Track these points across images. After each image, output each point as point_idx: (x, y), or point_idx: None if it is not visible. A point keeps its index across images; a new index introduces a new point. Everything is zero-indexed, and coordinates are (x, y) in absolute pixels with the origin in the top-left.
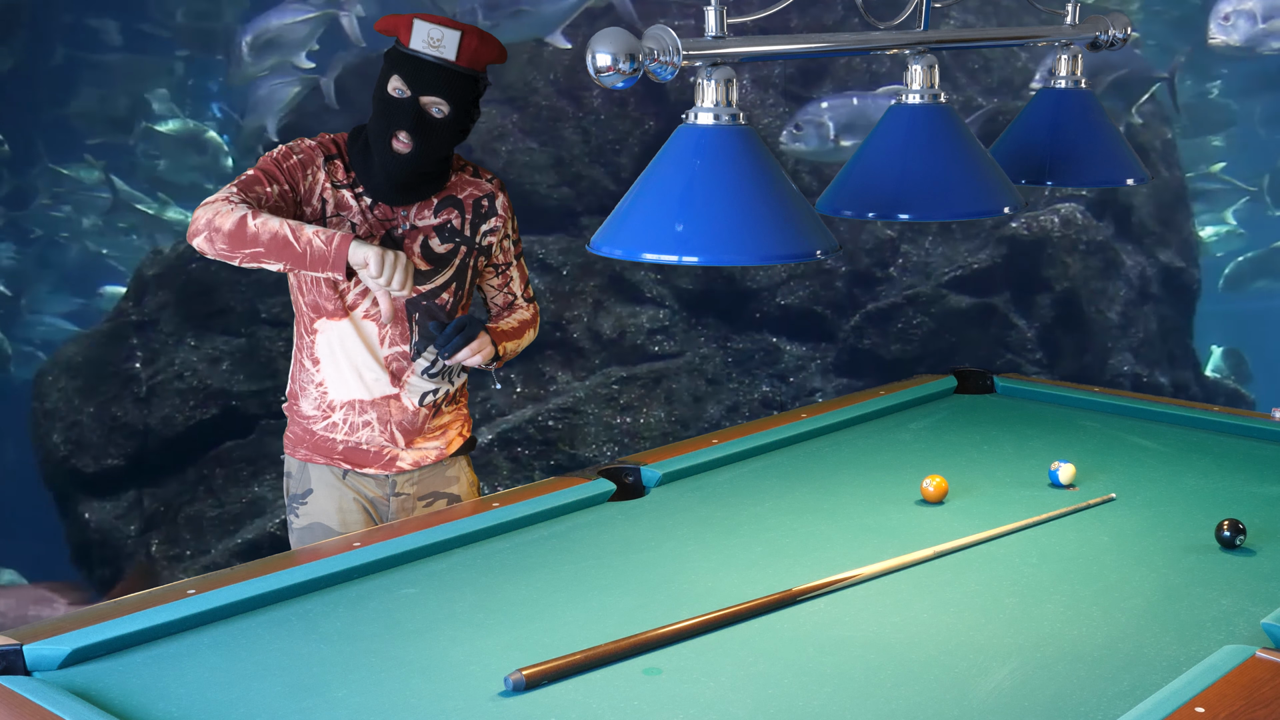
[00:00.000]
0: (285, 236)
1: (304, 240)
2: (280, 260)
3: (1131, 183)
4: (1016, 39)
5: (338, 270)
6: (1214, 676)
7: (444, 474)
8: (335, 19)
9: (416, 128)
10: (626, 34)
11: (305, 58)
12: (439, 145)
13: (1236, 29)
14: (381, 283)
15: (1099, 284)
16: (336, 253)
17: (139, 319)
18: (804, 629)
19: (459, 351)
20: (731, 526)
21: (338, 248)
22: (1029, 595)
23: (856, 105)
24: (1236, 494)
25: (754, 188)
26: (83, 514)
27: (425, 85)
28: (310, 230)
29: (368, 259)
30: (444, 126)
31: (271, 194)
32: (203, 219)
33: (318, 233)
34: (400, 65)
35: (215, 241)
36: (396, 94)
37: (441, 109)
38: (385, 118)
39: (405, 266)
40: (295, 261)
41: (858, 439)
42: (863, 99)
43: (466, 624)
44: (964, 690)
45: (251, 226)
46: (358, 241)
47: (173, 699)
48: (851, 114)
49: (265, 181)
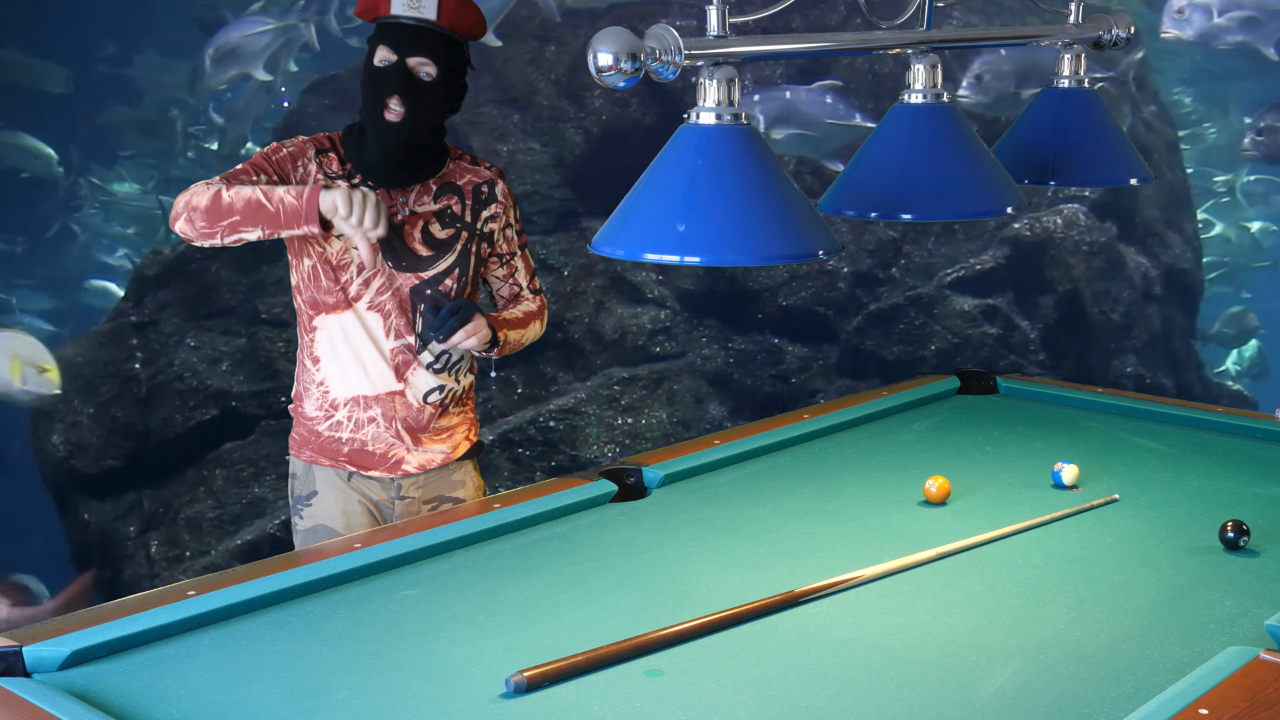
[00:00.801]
0: (258, 200)
1: (275, 200)
2: (257, 224)
3: (1135, 183)
4: (1019, 38)
5: (311, 222)
6: (1218, 678)
7: (450, 478)
8: (295, 29)
9: (405, 90)
10: (628, 33)
11: (263, 69)
12: (430, 110)
13: (1190, 23)
14: (354, 223)
15: (1102, 285)
16: (308, 204)
17: (139, 319)
18: (806, 630)
19: (454, 334)
20: (733, 528)
21: (308, 199)
22: (1032, 597)
23: (788, 99)
24: (1240, 495)
25: (756, 188)
26: (82, 515)
27: (410, 47)
28: (281, 190)
29: (336, 202)
30: (433, 90)
31: (258, 183)
32: (181, 203)
33: (288, 190)
34: (384, 34)
35: (195, 221)
36: (383, 63)
37: (429, 71)
38: (374, 89)
39: (375, 204)
40: (270, 223)
41: (860, 440)
42: (795, 91)
43: (468, 625)
44: (967, 692)
45: (226, 197)
46: (326, 189)
47: (173, 701)
48: (783, 107)
49: (252, 172)
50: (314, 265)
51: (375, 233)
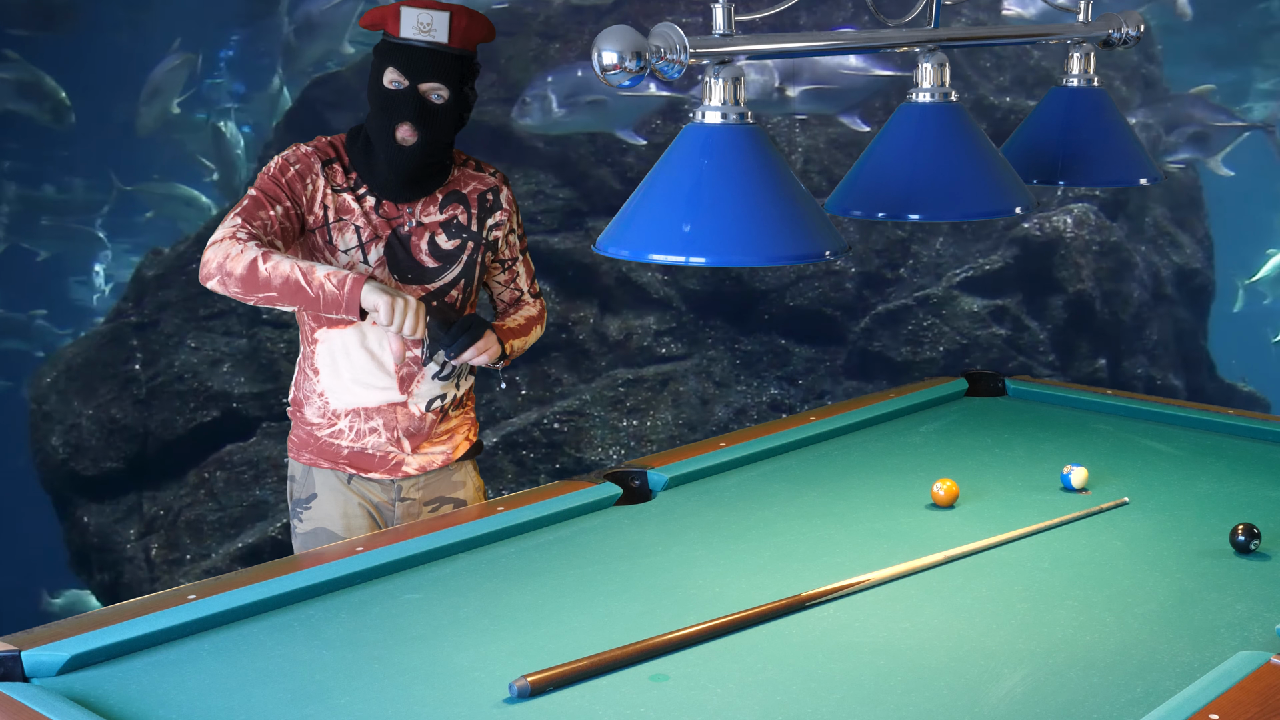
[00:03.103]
0: (297, 281)
1: (315, 285)
2: (294, 304)
3: (1145, 182)
4: (1028, 36)
5: (350, 313)
6: (1228, 683)
7: (450, 479)
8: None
9: (419, 117)
10: (633, 32)
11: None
12: (442, 132)
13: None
14: (393, 329)
15: (1112, 285)
16: (349, 298)
17: (139, 320)
18: (813, 634)
19: (465, 351)
20: (739, 531)
21: (350, 293)
22: (1041, 600)
23: (580, 77)
24: (1251, 498)
25: (762, 187)
26: (81, 518)
27: (422, 73)
28: (321, 273)
29: (378, 306)
30: (445, 112)
31: (275, 216)
32: (214, 262)
33: (329, 275)
34: (393, 56)
35: (229, 285)
36: (394, 86)
37: (441, 94)
38: (385, 112)
39: (415, 310)
40: (309, 305)
41: (867, 442)
42: (587, 69)
43: (471, 629)
44: (975, 697)
45: (263, 271)
46: (369, 285)
47: (173, 705)
48: (575, 85)
49: (267, 204)
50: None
51: (413, 337)
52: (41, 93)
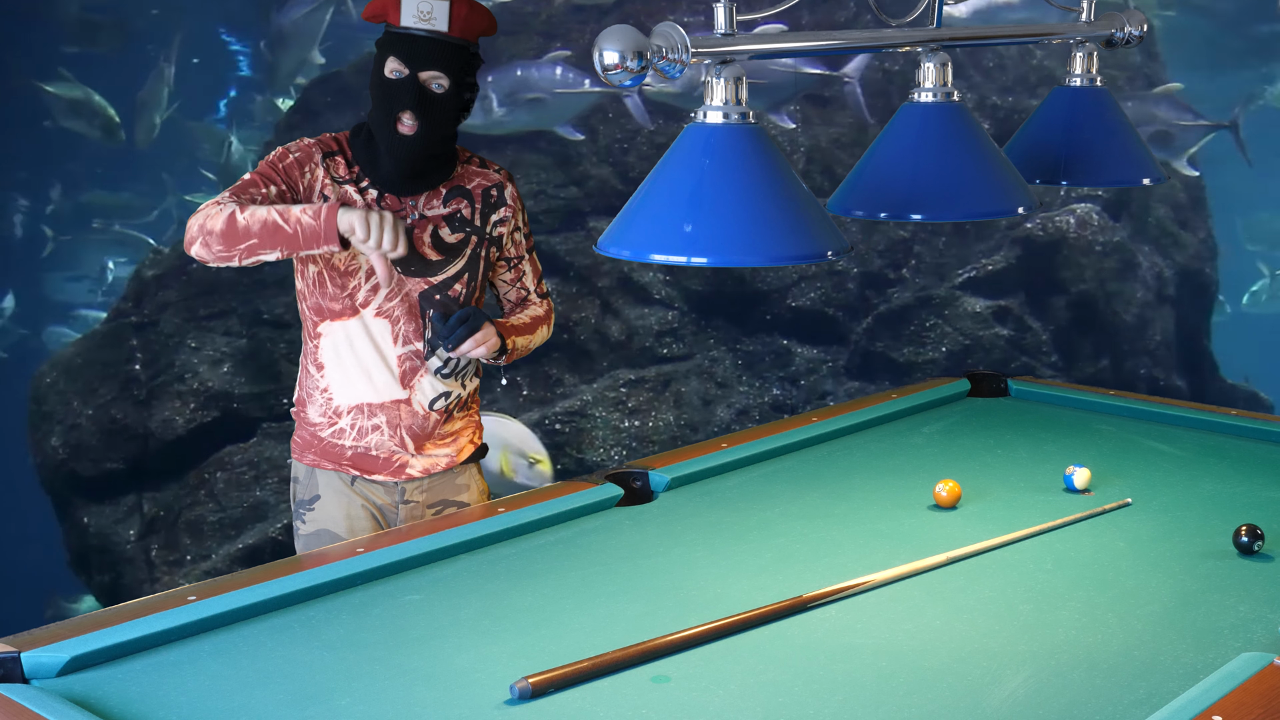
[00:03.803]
0: (274, 221)
1: (293, 220)
2: (275, 246)
3: (1148, 182)
4: (1031, 36)
5: (330, 241)
6: (1231, 684)
7: (454, 482)
8: None
9: (419, 106)
10: (634, 31)
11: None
12: (443, 122)
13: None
14: (372, 245)
15: (1115, 285)
16: (326, 224)
17: (139, 320)
18: (815, 636)
19: (463, 343)
20: (741, 532)
21: (326, 220)
22: (1043, 602)
23: (519, 75)
24: (1254, 499)
25: (764, 187)
26: (81, 518)
27: (422, 61)
28: (298, 209)
29: (354, 224)
30: (445, 102)
31: (267, 195)
32: (195, 226)
33: (305, 209)
34: (394, 45)
35: (211, 245)
36: (394, 75)
37: (441, 83)
38: (386, 102)
39: (393, 224)
40: (289, 244)
41: (870, 443)
42: (525, 68)
43: (472, 631)
44: (977, 698)
45: (241, 220)
46: (344, 209)
47: (173, 707)
48: (514, 84)
49: (261, 184)
50: (320, 272)
51: (395, 253)
52: (91, 110)
